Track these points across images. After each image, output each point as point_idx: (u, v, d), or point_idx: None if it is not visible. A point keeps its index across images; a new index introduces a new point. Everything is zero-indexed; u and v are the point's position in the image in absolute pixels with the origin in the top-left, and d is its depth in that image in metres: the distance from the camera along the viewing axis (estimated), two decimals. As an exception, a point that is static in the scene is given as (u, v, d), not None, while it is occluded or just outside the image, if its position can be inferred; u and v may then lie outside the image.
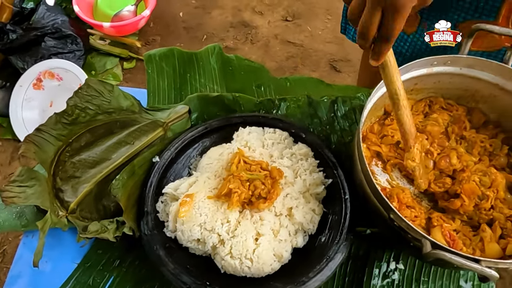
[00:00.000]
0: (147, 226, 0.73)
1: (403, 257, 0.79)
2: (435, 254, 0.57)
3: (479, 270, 0.55)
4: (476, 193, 0.74)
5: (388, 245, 0.80)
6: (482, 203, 0.74)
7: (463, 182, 0.75)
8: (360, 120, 0.70)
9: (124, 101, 0.92)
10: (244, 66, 1.06)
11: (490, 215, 0.74)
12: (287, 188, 0.77)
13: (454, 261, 0.56)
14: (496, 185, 0.76)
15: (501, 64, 0.74)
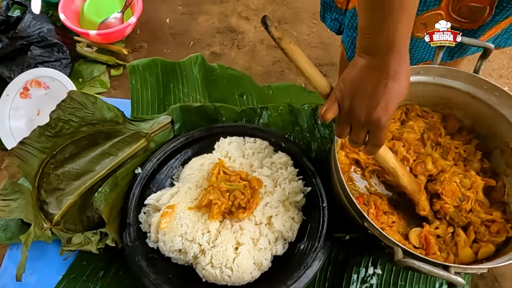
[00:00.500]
0: (129, 237, 0.75)
1: (381, 262, 0.81)
2: (405, 262, 0.59)
3: (445, 277, 0.58)
4: (456, 195, 0.76)
5: (366, 251, 0.82)
6: (463, 204, 0.76)
7: (444, 183, 0.77)
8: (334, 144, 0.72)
9: (108, 112, 0.93)
10: (227, 74, 1.08)
11: (469, 218, 0.76)
12: (266, 197, 0.79)
13: (422, 268, 0.58)
14: (476, 187, 0.78)
15: (471, 74, 0.77)
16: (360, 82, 0.57)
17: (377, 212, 0.79)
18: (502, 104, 0.76)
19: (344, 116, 0.60)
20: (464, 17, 0.81)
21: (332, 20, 1.09)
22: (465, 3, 0.78)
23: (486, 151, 0.83)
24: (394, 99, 0.56)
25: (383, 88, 0.55)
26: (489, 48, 0.73)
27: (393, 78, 0.55)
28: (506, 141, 0.79)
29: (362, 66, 0.56)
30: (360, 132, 0.60)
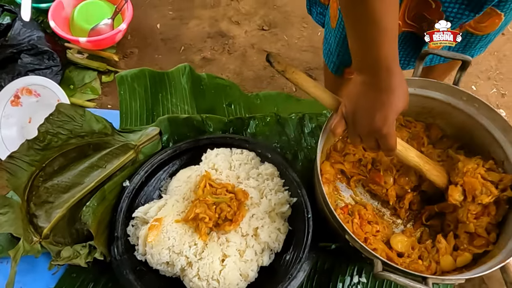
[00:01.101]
0: (117, 251, 0.76)
1: (366, 270, 0.83)
2: (382, 275, 0.60)
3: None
4: (475, 188, 0.74)
5: (351, 260, 0.84)
6: (482, 197, 0.73)
7: (467, 174, 0.75)
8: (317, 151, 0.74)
9: (96, 124, 0.94)
10: (215, 84, 1.09)
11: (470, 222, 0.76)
12: (253, 209, 0.80)
13: (399, 282, 0.60)
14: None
15: (450, 85, 0.78)
16: (358, 98, 0.63)
17: (361, 222, 0.81)
18: (481, 114, 0.78)
19: (352, 129, 0.67)
20: (418, 23, 0.84)
21: (318, 14, 1.13)
22: (419, 11, 0.81)
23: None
24: (391, 110, 0.61)
25: (378, 101, 0.60)
26: (467, 60, 0.75)
27: (386, 92, 0.60)
28: (487, 150, 0.81)
29: (359, 84, 0.63)
30: (369, 141, 0.66)
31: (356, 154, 0.87)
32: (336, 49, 1.02)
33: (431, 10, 0.80)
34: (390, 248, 0.79)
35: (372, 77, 0.60)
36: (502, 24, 0.87)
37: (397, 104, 0.61)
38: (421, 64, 0.80)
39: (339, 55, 1.02)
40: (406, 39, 0.92)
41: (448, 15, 0.79)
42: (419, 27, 0.86)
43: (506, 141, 0.75)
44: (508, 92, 1.75)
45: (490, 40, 0.97)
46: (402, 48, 0.95)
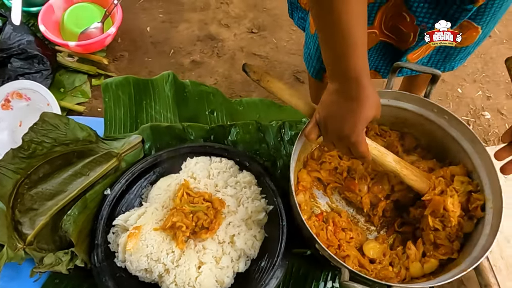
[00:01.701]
0: (97, 258, 0.78)
1: (339, 276, 0.85)
2: (347, 285, 0.63)
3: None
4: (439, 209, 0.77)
5: (325, 266, 0.86)
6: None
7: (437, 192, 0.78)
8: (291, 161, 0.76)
9: (81, 132, 0.96)
10: (198, 91, 1.11)
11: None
12: (229, 217, 0.82)
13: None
14: None
15: (421, 98, 0.81)
16: (330, 105, 0.65)
17: (335, 229, 0.83)
18: (451, 126, 0.80)
19: (324, 135, 0.69)
20: (395, 35, 0.87)
21: (299, 18, 1.15)
22: (395, 24, 0.83)
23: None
24: (359, 119, 0.62)
25: (347, 110, 0.62)
26: (437, 75, 0.77)
27: (355, 101, 0.62)
28: (458, 160, 0.83)
29: (331, 92, 0.65)
30: (341, 147, 0.69)
31: (332, 162, 0.89)
32: (315, 54, 1.04)
33: (406, 23, 0.82)
34: (363, 255, 0.82)
35: (342, 86, 0.62)
36: (481, 37, 0.89)
37: (366, 113, 0.62)
38: (393, 76, 0.82)
39: (319, 60, 1.04)
40: (385, 48, 0.93)
41: (422, 29, 0.81)
42: (397, 39, 0.88)
43: (474, 152, 0.78)
44: (493, 94, 1.77)
45: (470, 52, 0.99)
46: (381, 57, 0.97)
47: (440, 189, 0.76)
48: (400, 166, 0.78)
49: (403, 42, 0.86)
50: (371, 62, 0.98)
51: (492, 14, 0.80)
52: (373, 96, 0.64)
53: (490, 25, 0.85)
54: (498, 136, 1.68)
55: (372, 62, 0.98)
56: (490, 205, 0.73)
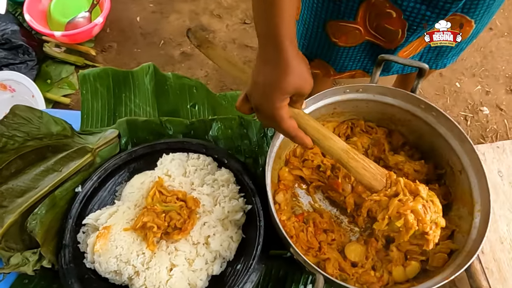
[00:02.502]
0: (64, 259, 0.75)
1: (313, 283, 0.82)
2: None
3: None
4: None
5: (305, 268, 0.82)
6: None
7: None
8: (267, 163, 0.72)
9: (55, 126, 0.92)
10: (180, 84, 1.06)
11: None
12: (205, 217, 0.78)
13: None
14: None
15: (408, 93, 0.76)
16: (253, 73, 0.60)
17: (315, 231, 0.79)
18: (439, 123, 0.76)
19: (253, 108, 0.63)
20: (382, 35, 0.82)
21: None
22: (380, 23, 0.79)
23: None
24: (276, 87, 0.57)
25: (264, 76, 0.57)
26: (423, 68, 0.72)
27: (274, 66, 0.56)
28: (446, 159, 0.79)
29: (256, 58, 0.59)
30: (262, 119, 0.63)
31: (314, 160, 0.85)
32: (300, 41, 1.00)
33: (392, 20, 0.77)
34: (345, 257, 0.78)
35: (263, 50, 0.57)
36: (474, 32, 0.84)
37: (285, 82, 0.56)
38: (378, 70, 0.77)
39: (303, 47, 1.00)
40: (372, 49, 0.90)
41: (411, 23, 0.76)
42: (385, 40, 0.84)
43: (462, 151, 0.74)
44: (493, 89, 1.72)
45: (462, 48, 0.94)
46: (368, 57, 0.93)
47: (395, 190, 0.64)
48: (347, 156, 0.66)
49: (391, 41, 0.82)
50: (358, 63, 0.95)
51: (486, 7, 0.75)
52: (297, 64, 0.57)
53: (484, 19, 0.80)
54: (496, 132, 1.63)
55: (359, 62, 0.94)
56: (478, 208, 0.69)
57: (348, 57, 0.92)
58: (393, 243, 0.78)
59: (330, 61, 0.95)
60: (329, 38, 0.87)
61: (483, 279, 0.91)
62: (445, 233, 0.75)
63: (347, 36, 0.84)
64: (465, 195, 0.74)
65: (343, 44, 0.87)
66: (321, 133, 0.65)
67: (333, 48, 0.89)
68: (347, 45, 0.88)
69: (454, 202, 0.78)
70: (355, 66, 0.95)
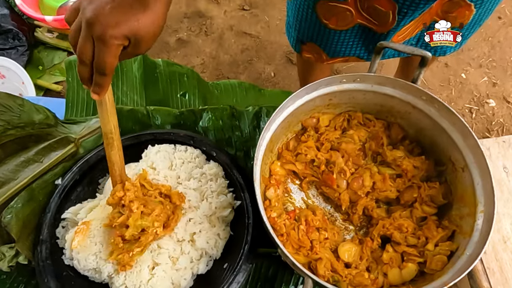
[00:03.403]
0: (40, 255, 0.71)
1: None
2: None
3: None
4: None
5: (295, 268, 0.78)
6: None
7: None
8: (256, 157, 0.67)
9: (37, 115, 0.88)
10: (171, 71, 1.01)
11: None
12: (190, 213, 0.74)
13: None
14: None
15: (409, 83, 0.71)
16: None
17: (307, 229, 0.75)
18: (441, 117, 0.71)
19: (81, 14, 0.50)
20: (373, 18, 0.78)
21: None
22: (371, 4, 0.74)
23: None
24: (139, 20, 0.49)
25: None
26: (426, 56, 0.67)
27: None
28: (448, 155, 0.74)
29: None
30: (86, 40, 0.50)
31: (308, 154, 0.80)
32: (293, 22, 0.96)
33: (383, 1, 0.72)
34: (338, 258, 0.74)
35: None
36: (476, 18, 0.79)
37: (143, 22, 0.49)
38: (377, 58, 0.72)
39: (296, 29, 0.95)
40: (365, 33, 0.85)
41: (400, 5, 0.71)
42: (378, 22, 0.79)
43: (465, 146, 0.68)
44: (500, 81, 1.65)
45: (464, 36, 0.89)
46: (361, 43, 0.89)
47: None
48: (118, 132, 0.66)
49: (383, 25, 0.77)
50: (351, 49, 0.90)
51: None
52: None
53: (486, 5, 0.75)
54: (502, 126, 1.57)
55: (352, 48, 0.90)
56: (481, 209, 0.64)
57: (340, 42, 0.87)
58: (389, 243, 0.74)
59: (322, 45, 0.91)
60: (319, 20, 0.82)
61: (484, 280, 0.86)
62: (445, 233, 0.71)
63: (337, 18, 0.80)
64: (467, 194, 0.69)
65: (333, 27, 0.82)
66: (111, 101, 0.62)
67: (323, 30, 0.85)
68: (338, 28, 0.83)
69: (455, 201, 0.73)
70: (348, 52, 0.91)
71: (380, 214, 0.77)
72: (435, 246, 0.70)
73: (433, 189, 0.75)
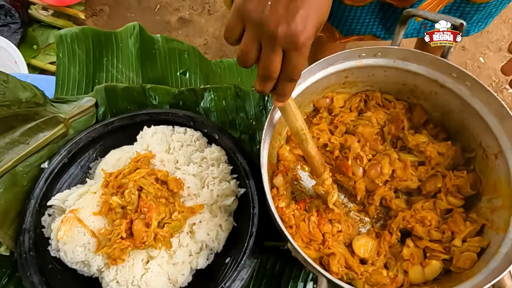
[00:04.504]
0: (22, 246, 0.64)
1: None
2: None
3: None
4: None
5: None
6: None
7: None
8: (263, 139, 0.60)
9: (23, 92, 0.80)
10: (170, 48, 0.93)
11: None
12: (189, 201, 0.67)
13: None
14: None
15: (438, 58, 0.62)
16: None
17: (319, 220, 0.68)
18: (474, 96, 0.62)
19: (251, 30, 0.44)
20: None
21: None
22: None
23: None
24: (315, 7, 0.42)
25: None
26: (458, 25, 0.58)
27: None
28: (479, 140, 0.66)
29: None
30: (273, 53, 0.44)
31: (321, 138, 0.72)
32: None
33: None
34: (353, 253, 0.67)
35: None
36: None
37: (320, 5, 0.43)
38: (402, 29, 0.64)
39: None
40: (383, 10, 0.78)
41: None
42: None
43: (502, 131, 0.60)
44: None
45: (491, 14, 0.80)
46: (378, 21, 0.81)
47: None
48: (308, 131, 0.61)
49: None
50: (367, 26, 0.82)
51: None
52: None
53: None
54: (521, 113, 1.48)
55: (368, 26, 0.82)
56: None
57: (356, 19, 0.79)
58: (409, 237, 0.66)
59: (335, 23, 0.82)
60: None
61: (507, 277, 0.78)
62: (473, 228, 0.63)
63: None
64: (500, 184, 0.61)
65: (349, 2, 0.74)
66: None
67: (338, 6, 0.77)
68: (354, 4, 0.75)
69: (486, 192, 0.65)
70: (364, 30, 0.83)
71: (400, 205, 0.70)
72: (462, 242, 0.63)
73: (460, 179, 0.67)
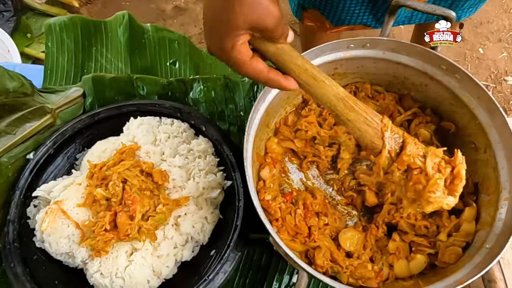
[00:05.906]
0: (7, 237, 0.64)
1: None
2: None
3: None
4: None
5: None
6: None
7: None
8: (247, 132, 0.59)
9: (10, 82, 0.79)
10: (160, 37, 0.92)
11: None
12: (175, 193, 0.67)
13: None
14: None
15: (427, 49, 0.61)
16: (203, 7, 0.47)
17: (305, 213, 0.67)
18: (463, 89, 0.61)
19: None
20: None
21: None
22: None
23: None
24: (220, 22, 0.44)
25: (210, 9, 0.45)
26: (450, 16, 0.57)
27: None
28: (467, 133, 0.65)
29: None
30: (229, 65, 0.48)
31: (309, 130, 0.72)
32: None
33: None
34: (339, 246, 0.66)
35: None
36: None
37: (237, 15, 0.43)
38: (391, 20, 0.62)
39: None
40: (373, 0, 0.76)
41: None
42: None
43: (491, 124, 0.59)
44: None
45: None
46: (369, 11, 0.80)
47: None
48: (344, 105, 0.51)
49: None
50: (357, 17, 0.82)
51: None
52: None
53: None
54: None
55: (358, 16, 0.81)
56: (506, 196, 0.56)
57: (346, 9, 0.78)
58: (395, 231, 0.66)
59: (325, 13, 0.81)
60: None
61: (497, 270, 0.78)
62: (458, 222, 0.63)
63: None
64: (489, 179, 0.60)
65: None
66: (310, 74, 0.49)
67: (331, 1, 0.75)
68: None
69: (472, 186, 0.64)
70: (354, 20, 0.82)
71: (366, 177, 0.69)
72: (448, 236, 0.62)
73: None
